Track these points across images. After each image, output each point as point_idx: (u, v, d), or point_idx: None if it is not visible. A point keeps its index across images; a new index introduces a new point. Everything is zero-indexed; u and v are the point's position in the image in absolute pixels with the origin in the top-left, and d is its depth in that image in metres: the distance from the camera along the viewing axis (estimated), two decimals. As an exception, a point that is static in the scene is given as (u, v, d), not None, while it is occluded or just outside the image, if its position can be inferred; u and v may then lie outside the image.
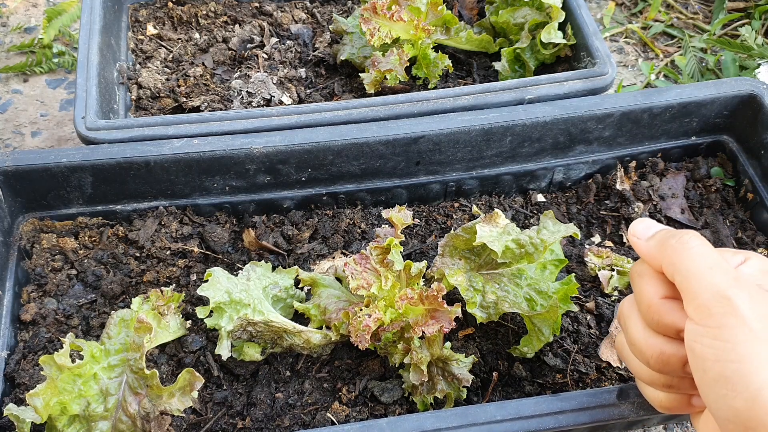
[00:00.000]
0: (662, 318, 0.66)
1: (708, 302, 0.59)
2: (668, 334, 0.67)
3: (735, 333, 0.57)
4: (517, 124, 1.08)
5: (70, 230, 1.10)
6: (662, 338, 0.67)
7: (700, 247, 0.63)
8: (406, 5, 1.28)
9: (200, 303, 1.02)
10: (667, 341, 0.67)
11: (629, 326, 0.71)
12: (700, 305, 0.60)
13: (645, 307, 0.68)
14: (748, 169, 1.14)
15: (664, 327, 0.66)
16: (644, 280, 0.68)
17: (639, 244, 0.70)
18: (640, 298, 0.68)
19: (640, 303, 0.69)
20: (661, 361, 0.67)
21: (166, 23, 1.45)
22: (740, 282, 0.60)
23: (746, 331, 0.57)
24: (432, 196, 1.17)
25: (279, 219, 1.14)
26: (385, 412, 0.92)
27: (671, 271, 0.64)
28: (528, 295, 0.94)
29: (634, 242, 0.70)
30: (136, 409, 0.84)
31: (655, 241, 0.68)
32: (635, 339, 0.69)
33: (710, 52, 1.60)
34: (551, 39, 1.27)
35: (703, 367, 0.59)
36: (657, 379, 0.71)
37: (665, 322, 0.66)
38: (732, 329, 0.57)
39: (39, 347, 0.99)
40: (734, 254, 0.67)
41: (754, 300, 0.58)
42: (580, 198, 1.18)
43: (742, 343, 0.56)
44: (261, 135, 1.05)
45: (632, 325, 0.70)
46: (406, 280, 0.93)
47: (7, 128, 1.49)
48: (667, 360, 0.66)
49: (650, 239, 0.69)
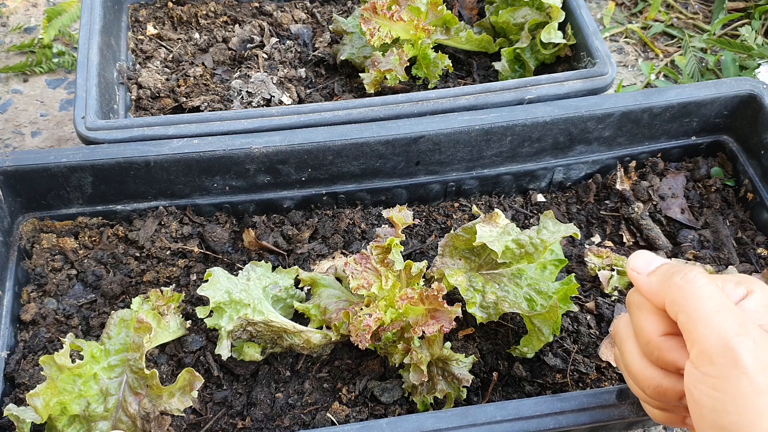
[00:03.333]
0: (662, 355, 0.65)
1: (711, 349, 0.57)
2: (667, 369, 0.65)
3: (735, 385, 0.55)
4: (517, 124, 1.08)
5: (70, 230, 1.10)
6: (660, 371, 0.66)
7: (705, 287, 0.61)
8: (406, 5, 1.28)
9: (200, 303, 1.02)
10: (665, 375, 0.65)
11: (625, 353, 0.69)
12: (703, 351, 0.58)
13: (644, 341, 0.66)
14: (748, 169, 1.14)
15: (663, 363, 0.65)
16: (643, 314, 0.66)
17: (639, 280, 0.67)
18: (639, 332, 0.67)
19: (638, 336, 0.67)
20: (657, 393, 0.66)
21: (166, 23, 1.45)
22: (745, 327, 0.58)
23: (746, 384, 0.55)
24: (432, 196, 1.17)
25: (279, 219, 1.14)
26: (385, 412, 0.92)
27: (675, 310, 0.62)
28: (528, 295, 0.94)
29: (633, 277, 0.68)
30: (136, 409, 0.84)
31: (657, 278, 0.66)
32: (631, 368, 0.68)
33: (710, 52, 1.60)
34: (551, 39, 1.27)
35: (700, 413, 0.58)
36: (651, 401, 0.70)
37: (665, 359, 0.64)
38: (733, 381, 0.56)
39: (39, 347, 0.99)
40: (736, 285, 0.65)
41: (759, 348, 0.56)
42: (580, 198, 1.18)
43: (741, 396, 0.55)
44: (261, 135, 1.05)
45: (629, 352, 0.69)
46: (407, 279, 0.93)
47: (7, 128, 1.49)
48: (664, 392, 0.66)
49: (651, 275, 0.66)
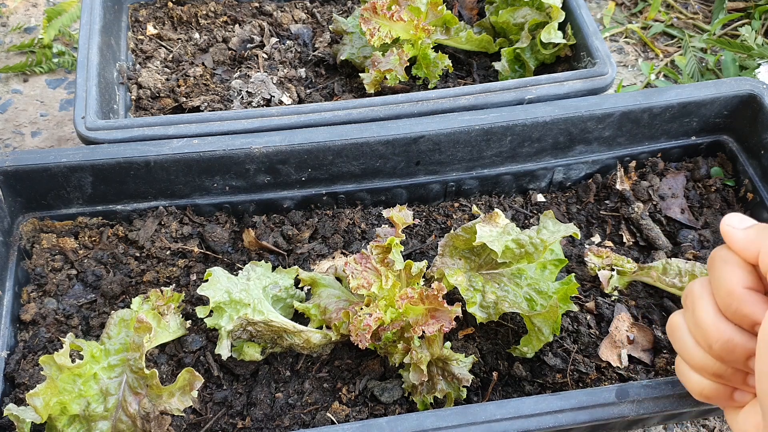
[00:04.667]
0: (741, 307, 0.65)
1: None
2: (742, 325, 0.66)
3: None
4: (517, 124, 1.08)
5: (70, 230, 1.10)
6: (734, 326, 0.66)
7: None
8: (406, 5, 1.28)
9: (200, 303, 1.02)
10: (738, 330, 0.66)
11: (699, 307, 0.69)
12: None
13: (725, 292, 0.66)
14: (748, 169, 1.14)
15: (740, 317, 0.65)
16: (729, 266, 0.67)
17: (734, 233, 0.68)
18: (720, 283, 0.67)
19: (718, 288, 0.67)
20: (726, 348, 0.66)
21: (166, 23, 1.45)
22: None
23: None
24: (432, 196, 1.17)
25: (279, 219, 1.14)
26: (385, 411, 0.92)
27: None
28: (528, 295, 0.94)
29: (728, 231, 0.69)
30: (136, 409, 0.84)
31: (755, 230, 0.67)
32: (703, 321, 0.68)
33: (710, 52, 1.60)
34: (551, 39, 1.27)
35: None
36: (710, 366, 0.70)
37: (744, 311, 0.65)
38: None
39: (39, 347, 0.99)
40: None
41: None
42: (580, 198, 1.18)
43: None
44: (261, 135, 1.05)
45: (703, 306, 0.69)
46: (407, 279, 0.93)
47: (7, 128, 1.50)
48: (733, 349, 0.66)
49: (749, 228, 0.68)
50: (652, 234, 1.11)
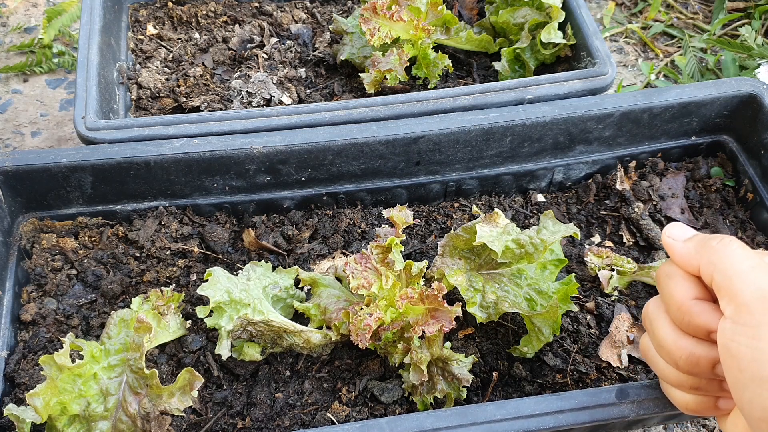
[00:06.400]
0: (693, 319, 0.66)
1: (749, 301, 0.59)
2: (698, 336, 0.66)
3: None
4: (517, 124, 1.08)
5: (70, 230, 1.10)
6: (692, 339, 0.67)
7: (741, 248, 0.64)
8: (406, 5, 1.28)
9: (200, 303, 1.02)
10: (697, 342, 0.66)
11: (657, 328, 0.70)
12: (741, 304, 0.60)
13: (675, 308, 0.67)
14: (748, 169, 1.14)
15: (694, 328, 0.66)
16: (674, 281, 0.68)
17: (675, 246, 0.69)
18: (670, 299, 0.68)
19: (669, 304, 0.68)
20: (690, 362, 0.67)
21: (166, 23, 1.45)
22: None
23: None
24: (432, 196, 1.17)
25: (279, 219, 1.14)
26: (385, 411, 0.92)
27: (710, 270, 0.64)
28: (528, 295, 0.94)
29: (668, 243, 0.70)
30: (136, 409, 0.84)
31: (693, 243, 0.68)
32: (663, 340, 0.69)
33: (710, 52, 1.60)
34: (551, 39, 1.27)
35: (738, 367, 0.59)
36: (684, 381, 0.71)
37: (697, 323, 0.65)
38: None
39: (39, 347, 0.99)
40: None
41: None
42: (580, 198, 1.18)
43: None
44: (261, 135, 1.05)
45: (660, 326, 0.70)
46: (407, 279, 0.93)
47: (7, 128, 1.50)
48: (697, 361, 0.66)
49: (688, 241, 0.69)
50: (652, 234, 1.11)
